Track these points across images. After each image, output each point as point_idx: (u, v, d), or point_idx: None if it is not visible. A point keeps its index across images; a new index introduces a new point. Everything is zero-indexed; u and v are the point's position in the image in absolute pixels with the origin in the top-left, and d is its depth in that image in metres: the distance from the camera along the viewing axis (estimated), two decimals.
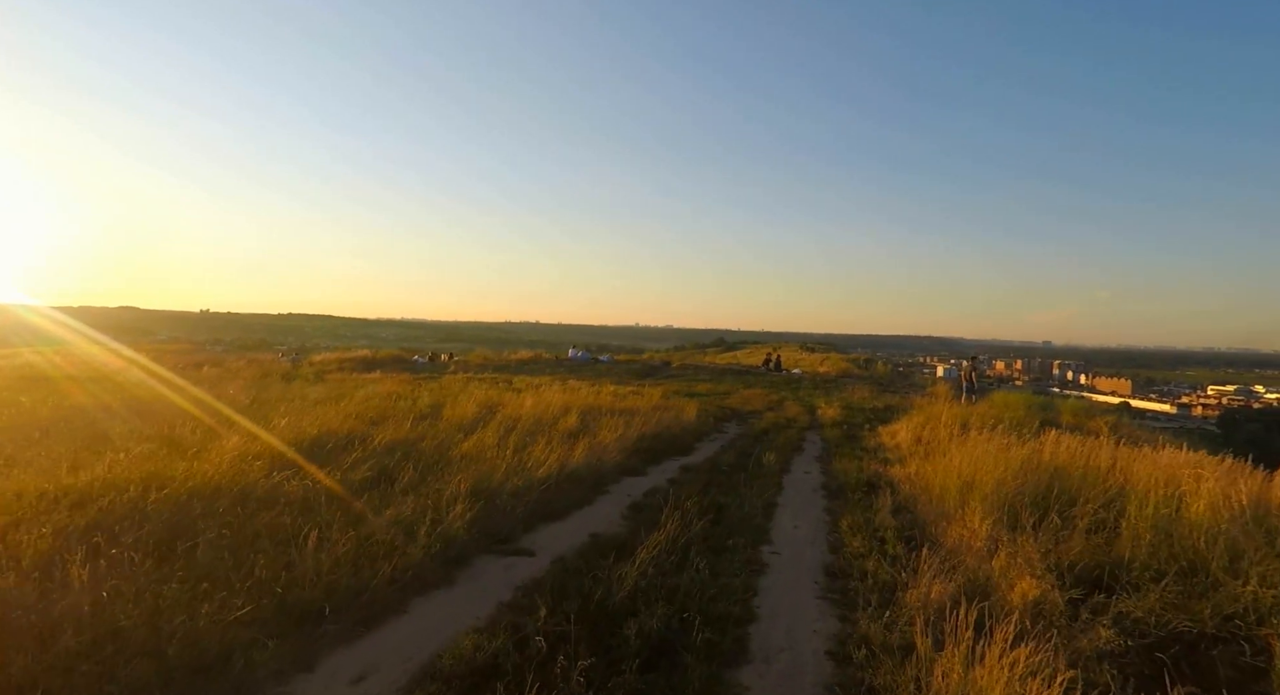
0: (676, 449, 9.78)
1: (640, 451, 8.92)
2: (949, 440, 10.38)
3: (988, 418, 12.52)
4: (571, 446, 7.65)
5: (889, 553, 4.94)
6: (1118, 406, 19.30)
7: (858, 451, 10.84)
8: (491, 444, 7.31)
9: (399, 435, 7.55)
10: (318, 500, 4.47)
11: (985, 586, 4.25)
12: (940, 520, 5.97)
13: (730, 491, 6.77)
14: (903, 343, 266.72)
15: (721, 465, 8.40)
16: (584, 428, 9.51)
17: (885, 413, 16.37)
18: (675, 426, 11.83)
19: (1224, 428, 49.12)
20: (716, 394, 20.01)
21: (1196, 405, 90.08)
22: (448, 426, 8.86)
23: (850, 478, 8.10)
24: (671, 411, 13.69)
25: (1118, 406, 19.30)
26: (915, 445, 10.80)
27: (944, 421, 11.01)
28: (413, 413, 9.90)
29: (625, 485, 7.09)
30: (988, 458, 6.96)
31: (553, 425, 9.36)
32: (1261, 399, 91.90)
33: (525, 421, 9.51)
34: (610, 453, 8.04)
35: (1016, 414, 13.31)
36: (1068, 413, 16.10)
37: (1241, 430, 48.21)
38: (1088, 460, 7.02)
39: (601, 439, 8.60)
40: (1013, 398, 16.75)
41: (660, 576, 3.99)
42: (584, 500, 6.10)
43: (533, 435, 8.43)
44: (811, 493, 7.44)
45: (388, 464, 5.58)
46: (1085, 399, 32.50)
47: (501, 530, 4.65)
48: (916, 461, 9.03)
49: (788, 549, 5.18)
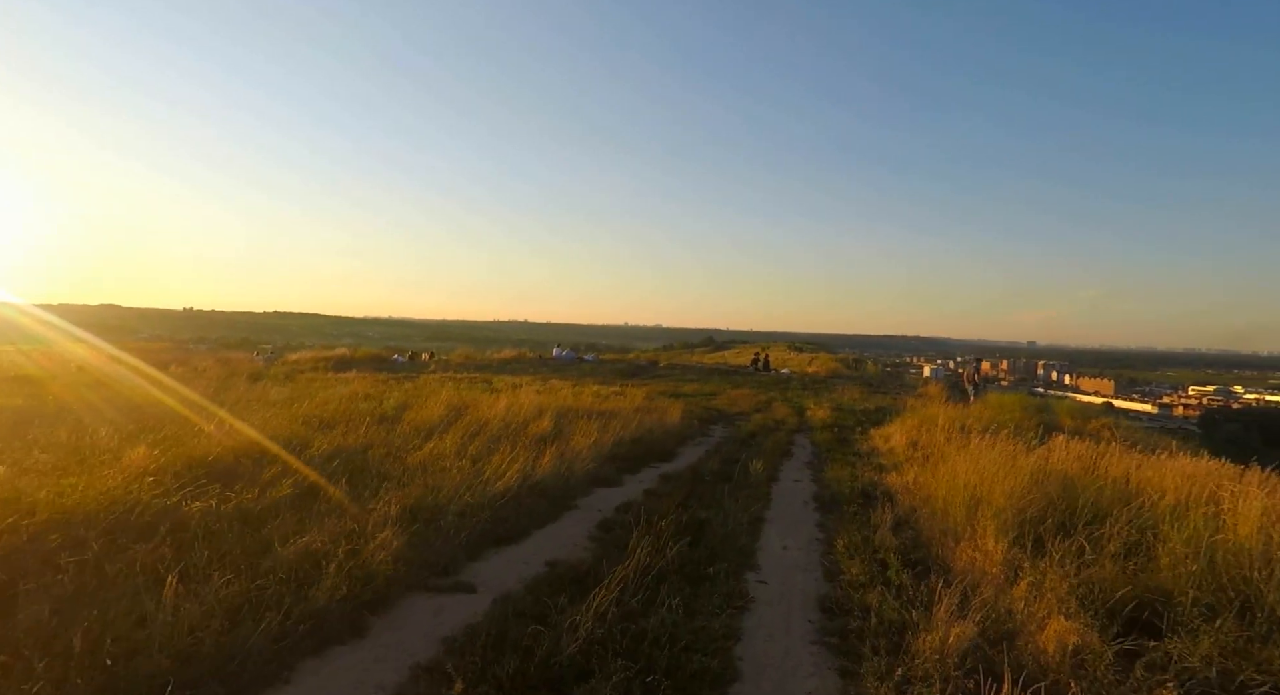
0: (657, 455, 9.09)
1: (617, 458, 8.23)
2: (947, 444, 9.79)
3: (983, 420, 11.96)
4: (540, 453, 6.94)
5: (893, 581, 4.28)
6: (1101, 406, 18.95)
7: (850, 457, 10.22)
8: (449, 451, 6.58)
9: (347, 441, 6.81)
10: (219, 526, 3.73)
11: (1010, 626, 3.60)
12: (946, 538, 5.34)
13: (713, 504, 6.10)
14: (890, 343, 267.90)
15: (705, 473, 7.73)
16: (557, 432, 8.80)
17: (877, 414, 15.80)
18: (657, 430, 11.15)
19: (1204, 427, 49.51)
20: (703, 394, 19.35)
21: (1178, 405, 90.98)
22: (407, 431, 8.13)
23: (844, 487, 7.46)
24: (654, 413, 13.01)
25: (1101, 406, 18.95)
26: (911, 450, 10.19)
27: (941, 424, 10.41)
28: (373, 415, 9.15)
29: (596, 498, 6.39)
30: (994, 467, 6.33)
31: (522, 429, 8.65)
32: (1240, 399, 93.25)
33: (493, 425, 8.79)
34: (583, 460, 7.34)
35: (1013, 416, 12.76)
36: (1064, 414, 15.62)
37: (1221, 429, 48.63)
38: (1102, 469, 6.43)
39: (575, 444, 7.90)
40: (1007, 399, 16.24)
41: (624, 619, 3.30)
42: (547, 517, 5.38)
43: (499, 441, 7.71)
44: (802, 505, 6.78)
45: (321, 476, 4.85)
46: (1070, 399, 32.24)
47: (440, 559, 3.92)
48: (914, 468, 8.42)
49: (777, 576, 4.50)
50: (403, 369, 25.22)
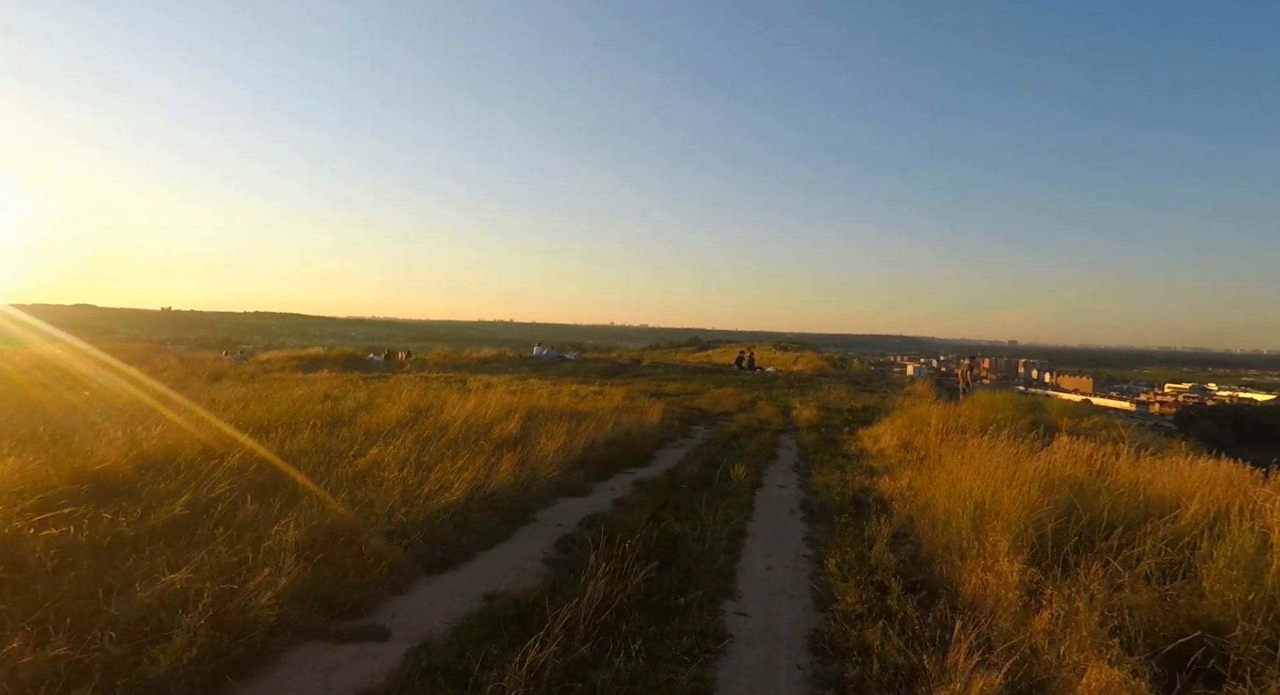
0: (633, 459, 8.43)
1: (588, 463, 7.56)
2: (940, 444, 9.24)
3: (976, 419, 11.45)
4: (500, 460, 6.25)
5: (895, 611, 3.66)
6: (1081, 404, 18.81)
7: (839, 459, 9.64)
8: (393, 459, 5.86)
9: (283, 448, 6.07)
10: (73, 560, 3.02)
11: (1039, 673, 2.99)
12: (951, 554, 4.73)
13: (690, 515, 5.45)
14: (874, 342, 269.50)
15: (683, 479, 7.08)
16: (524, 435, 8.11)
17: (865, 414, 15.26)
18: (635, 431, 10.50)
19: (1180, 424, 50.14)
20: (686, 394, 18.72)
21: (1154, 403, 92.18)
22: (356, 435, 7.39)
23: (833, 494, 6.85)
24: (633, 414, 12.36)
25: (1081, 404, 18.81)
26: (903, 452, 9.63)
27: (934, 425, 9.86)
28: (323, 418, 8.39)
29: (559, 510, 5.70)
30: (998, 471, 5.75)
31: (486, 432, 7.94)
32: (1214, 396, 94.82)
33: (455, 428, 8.07)
34: (548, 467, 6.66)
35: (1005, 414, 12.26)
36: (1056, 412, 15.18)
37: (1196, 426, 49.24)
38: (1114, 474, 5.88)
39: (541, 449, 7.21)
40: (998, 397, 15.78)
41: (569, 675, 2.64)
42: (496, 536, 4.68)
43: (458, 446, 7.01)
44: (788, 515, 6.15)
45: (222, 493, 4.12)
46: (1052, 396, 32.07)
47: (351, 596, 3.21)
48: (908, 472, 7.84)
49: (760, 605, 3.86)
50: (377, 369, 24.34)
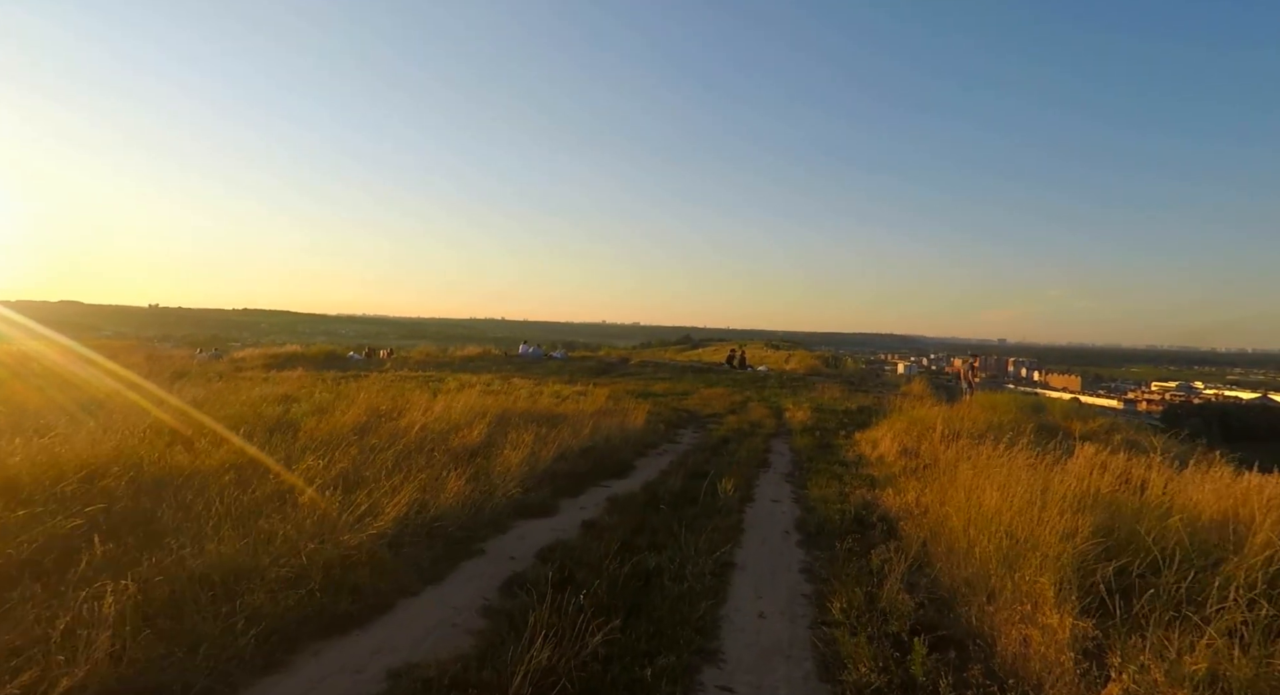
0: (610, 469, 7.61)
1: (558, 476, 6.73)
2: (946, 450, 8.50)
3: (979, 422, 10.73)
4: (450, 474, 5.42)
5: (922, 684, 2.87)
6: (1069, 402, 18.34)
7: (835, 467, 8.88)
8: (325, 476, 5.02)
9: (196, 463, 5.21)
10: None
11: None
12: (977, 594, 3.95)
13: (669, 541, 4.65)
14: (865, 341, 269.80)
15: (663, 494, 6.27)
16: (488, 443, 7.28)
17: (861, 415, 14.52)
18: (616, 437, 9.69)
19: (1167, 422, 50.11)
20: (674, 394, 17.92)
21: (1141, 401, 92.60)
22: (297, 445, 6.55)
23: (832, 511, 6.07)
24: (615, 416, 11.55)
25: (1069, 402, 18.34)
26: (905, 459, 8.89)
27: (938, 429, 9.12)
28: (273, 423, 7.54)
29: (514, 537, 4.86)
30: (1021, 487, 4.98)
31: (445, 440, 7.12)
32: (1200, 395, 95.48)
33: (411, 436, 7.24)
34: (509, 481, 5.83)
35: (1008, 416, 11.56)
36: (1060, 413, 14.51)
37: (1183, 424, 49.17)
38: (1158, 493, 5.13)
39: (505, 460, 6.38)
40: (999, 398, 15.09)
41: None
42: (430, 575, 3.84)
43: (410, 456, 6.19)
44: (782, 538, 5.36)
45: (75, 529, 3.28)
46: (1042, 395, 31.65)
47: (180, 679, 2.39)
48: (914, 485, 7.08)
49: (749, 675, 3.05)
50: (356, 367, 23.40)
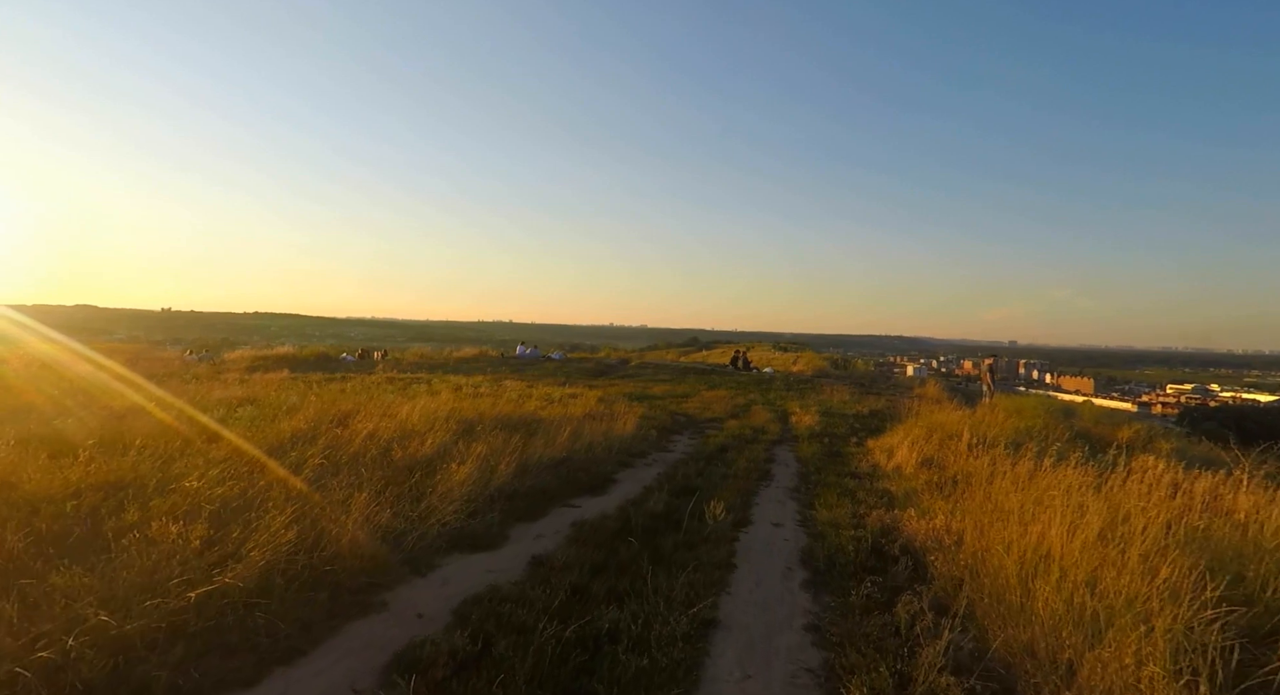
0: (584, 484, 6.54)
1: (516, 495, 5.67)
2: (971, 461, 7.41)
3: (1007, 429, 9.61)
4: (359, 496, 4.38)
5: None
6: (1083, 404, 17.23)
7: (847, 480, 7.79)
8: (211, 498, 3.99)
9: (43, 483, 4.18)
10: None
11: None
12: (1047, 673, 2.89)
13: (635, 586, 3.61)
14: (873, 343, 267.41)
15: (640, 518, 5.21)
16: (444, 455, 6.24)
17: (872, 420, 13.40)
18: (599, 445, 8.64)
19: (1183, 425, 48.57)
20: (673, 396, 16.84)
21: (1156, 404, 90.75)
22: (224, 454, 5.55)
23: (845, 539, 4.99)
24: (603, 421, 10.50)
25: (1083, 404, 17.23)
26: (926, 471, 7.79)
27: (965, 437, 8.00)
28: (193, 435, 6.54)
29: (434, 583, 3.77)
30: (1088, 517, 3.90)
31: (391, 451, 6.09)
32: (1217, 397, 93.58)
33: (355, 446, 6.23)
34: (450, 503, 4.79)
35: (1037, 422, 10.43)
36: (1092, 419, 13.35)
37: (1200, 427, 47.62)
38: (1256, 526, 4.03)
39: (452, 476, 5.35)
40: (1024, 401, 13.94)
41: None
42: (289, 647, 2.76)
43: (342, 472, 5.18)
44: (783, 579, 4.28)
45: None
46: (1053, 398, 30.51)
47: None
48: (940, 504, 5.99)
49: None
50: (344, 369, 22.49)
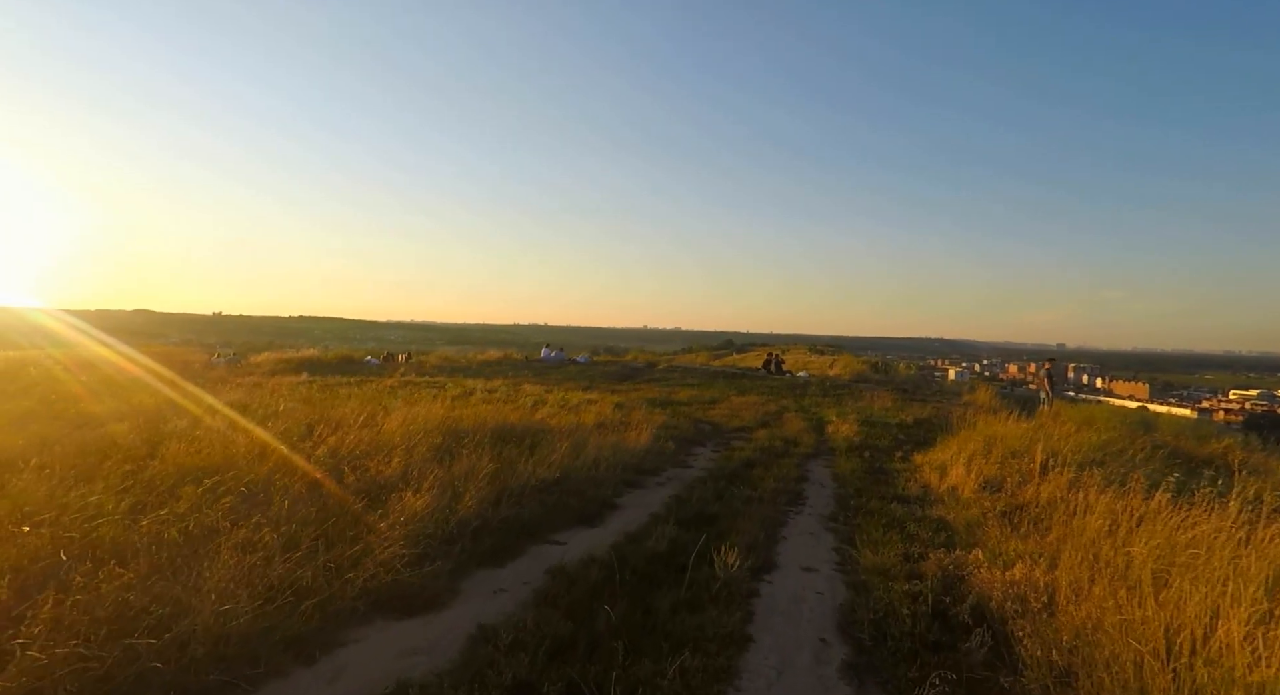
0: (576, 512, 5.48)
1: (486, 531, 4.64)
2: (1046, 483, 6.14)
3: (1082, 444, 8.22)
4: (289, 538, 3.44)
5: None
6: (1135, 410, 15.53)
7: (893, 505, 6.59)
8: (82, 536, 3.09)
9: None
10: None
11: None
12: None
13: (606, 683, 2.56)
14: (912, 345, 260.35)
15: (635, 561, 4.14)
16: (406, 477, 5.28)
17: (919, 430, 12.05)
18: (606, 460, 7.60)
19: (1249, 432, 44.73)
20: (699, 402, 15.70)
21: (1218, 410, 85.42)
22: (154, 475, 4.70)
23: (897, 596, 3.83)
24: (615, 432, 9.47)
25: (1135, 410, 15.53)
26: (989, 496, 6.54)
27: (1038, 457, 6.70)
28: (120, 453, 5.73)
29: (321, 676, 2.65)
30: None
31: (341, 473, 5.15)
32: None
33: (300, 467, 5.32)
34: (387, 547, 3.80)
35: (1110, 434, 9.00)
36: (1172, 432, 11.75)
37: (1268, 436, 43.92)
38: None
39: (406, 506, 4.37)
40: (1094, 411, 12.42)
41: None
42: None
43: (270, 503, 4.26)
44: (815, 661, 3.14)
45: None
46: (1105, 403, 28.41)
47: None
48: (1015, 544, 4.76)
49: None
50: (366, 371, 22.01)
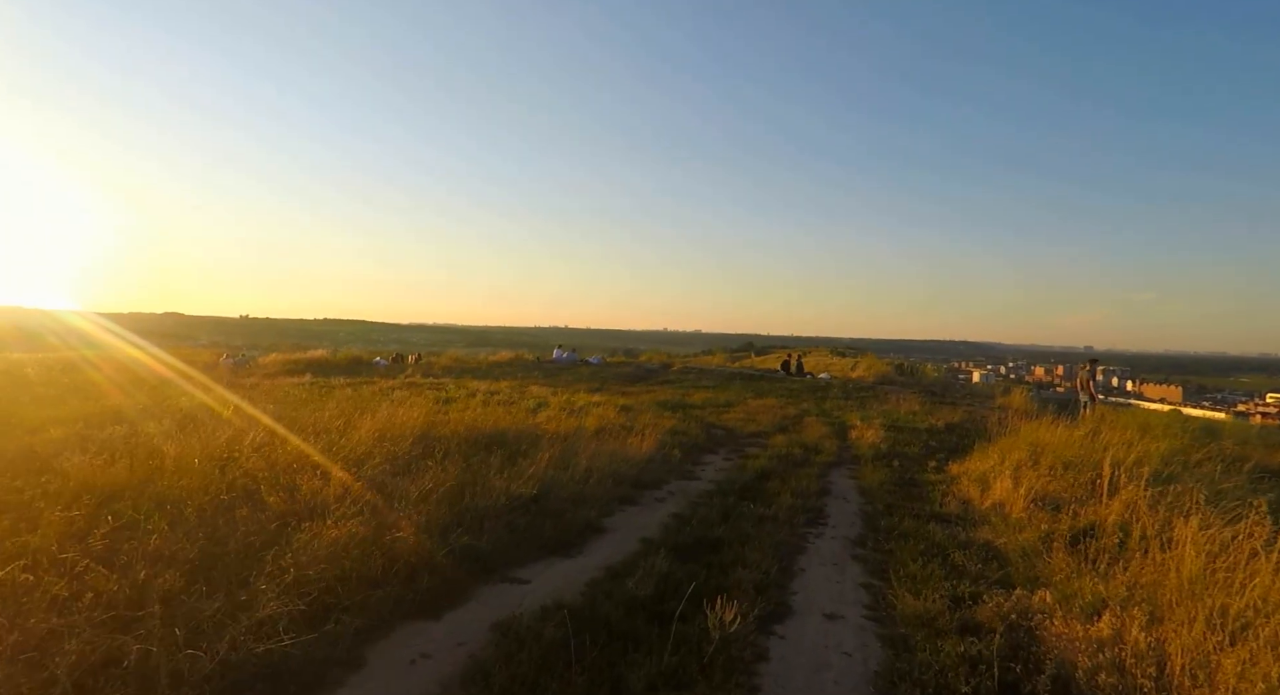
0: (549, 538, 4.59)
1: (425, 570, 3.78)
2: (1108, 501, 5.15)
3: (1141, 451, 7.13)
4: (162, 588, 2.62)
5: None
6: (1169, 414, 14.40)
7: (930, 526, 5.63)
8: None
9: None
10: None
11: None
12: None
13: None
14: (935, 348, 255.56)
15: (609, 610, 3.26)
16: (345, 498, 4.45)
17: (951, 437, 11.01)
18: (600, 471, 6.73)
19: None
20: (714, 406, 14.72)
21: (1254, 414, 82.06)
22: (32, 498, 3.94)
23: (948, 659, 2.91)
24: (615, 439, 8.60)
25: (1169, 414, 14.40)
26: (1042, 512, 5.55)
27: (1106, 471, 5.67)
28: None
29: None
30: None
31: (262, 497, 4.34)
32: None
33: (214, 487, 4.52)
34: (269, 597, 2.94)
35: (1172, 443, 7.89)
36: (1236, 438, 10.56)
37: None
38: None
39: (325, 536, 3.54)
40: (1148, 417, 11.25)
41: None
42: None
43: (155, 534, 3.46)
44: None
45: None
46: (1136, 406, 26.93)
47: None
48: (1091, 583, 3.80)
49: None
50: (373, 373, 21.41)
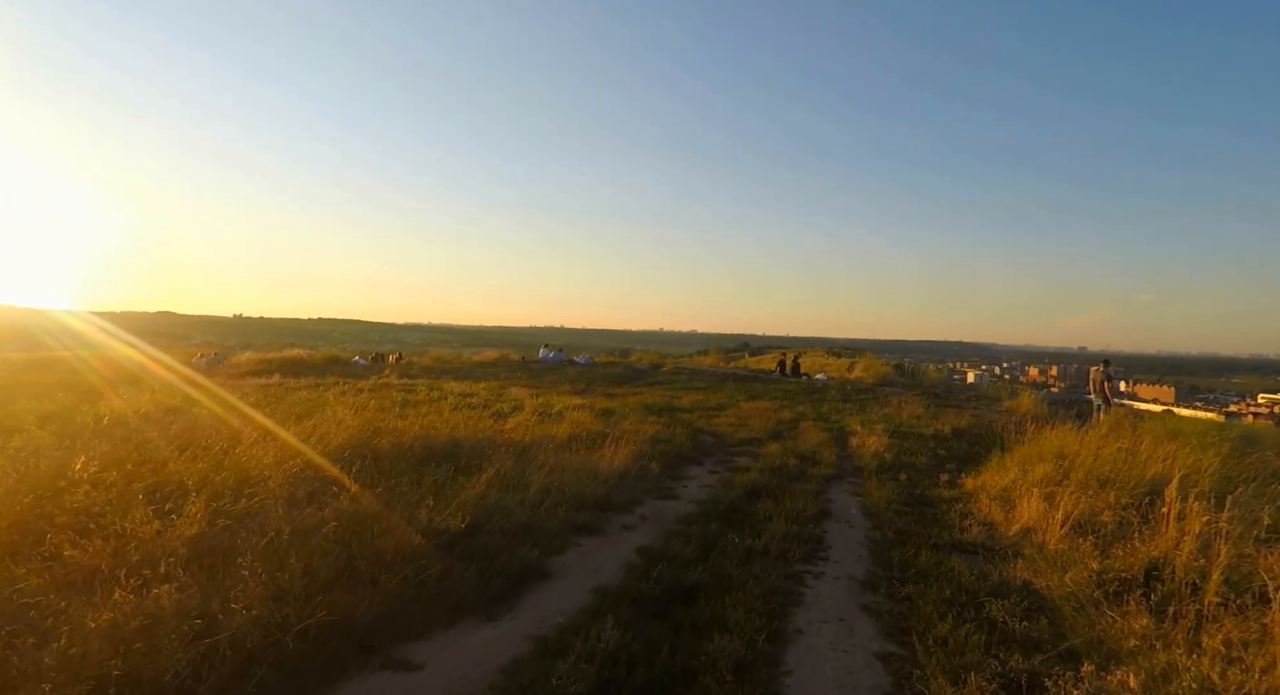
0: (471, 592, 3.53)
1: (260, 658, 2.75)
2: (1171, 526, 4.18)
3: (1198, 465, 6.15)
4: None
5: None
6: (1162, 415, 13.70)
7: (953, 560, 4.64)
8: None
9: None
10: None
11: None
12: None
13: None
14: (932, 348, 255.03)
15: None
16: (204, 546, 3.43)
17: (960, 444, 10.03)
18: (561, 489, 5.71)
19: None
20: (704, 409, 13.66)
21: (1246, 414, 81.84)
22: None
23: None
24: (581, 453, 7.55)
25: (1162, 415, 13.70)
26: (1085, 542, 4.57)
27: (1172, 497, 4.68)
28: None
29: None
30: None
31: (69, 542, 3.32)
32: None
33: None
34: None
35: (1211, 454, 6.91)
36: (1274, 446, 9.61)
37: None
38: None
39: (119, 607, 2.53)
40: (1179, 422, 10.28)
41: None
42: None
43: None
44: None
45: None
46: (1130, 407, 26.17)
47: None
48: (1178, 656, 2.82)
49: None
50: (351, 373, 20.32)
